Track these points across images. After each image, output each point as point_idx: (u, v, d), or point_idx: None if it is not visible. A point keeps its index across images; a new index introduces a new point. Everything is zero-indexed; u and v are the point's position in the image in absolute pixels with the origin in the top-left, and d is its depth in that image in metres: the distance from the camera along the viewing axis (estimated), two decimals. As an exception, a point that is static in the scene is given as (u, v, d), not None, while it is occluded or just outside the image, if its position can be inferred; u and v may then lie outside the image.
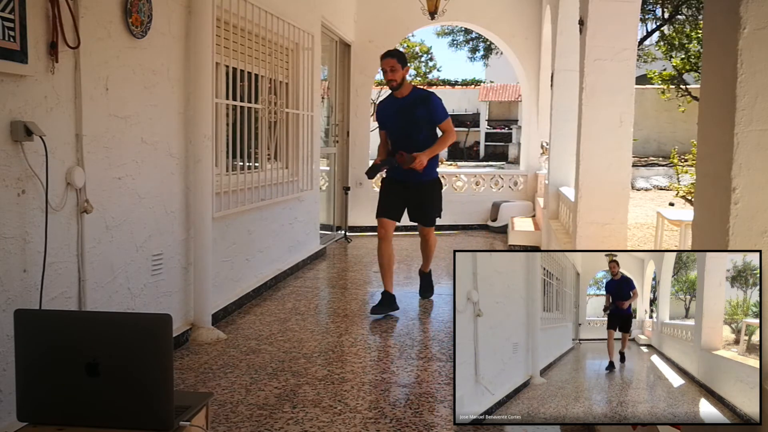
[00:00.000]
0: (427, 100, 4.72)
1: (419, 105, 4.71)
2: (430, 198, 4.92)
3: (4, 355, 2.61)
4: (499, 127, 24.26)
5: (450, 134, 4.83)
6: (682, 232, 6.02)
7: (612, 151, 4.52)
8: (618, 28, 4.44)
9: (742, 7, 1.88)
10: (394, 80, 4.65)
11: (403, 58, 4.73)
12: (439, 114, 4.75)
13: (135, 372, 1.97)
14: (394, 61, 4.63)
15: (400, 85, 4.69)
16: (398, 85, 4.67)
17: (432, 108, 4.71)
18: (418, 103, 4.71)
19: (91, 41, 3.14)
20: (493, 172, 10.20)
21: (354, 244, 8.18)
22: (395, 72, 4.63)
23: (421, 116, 4.74)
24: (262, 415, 3.09)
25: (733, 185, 1.93)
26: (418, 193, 4.87)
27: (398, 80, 4.65)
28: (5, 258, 2.64)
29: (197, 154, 4.16)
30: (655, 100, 16.29)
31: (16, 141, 2.65)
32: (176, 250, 4.10)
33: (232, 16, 4.61)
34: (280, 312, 4.88)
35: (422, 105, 4.71)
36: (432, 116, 4.74)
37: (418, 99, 4.73)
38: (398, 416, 3.10)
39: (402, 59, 4.69)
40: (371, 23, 8.84)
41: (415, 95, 4.76)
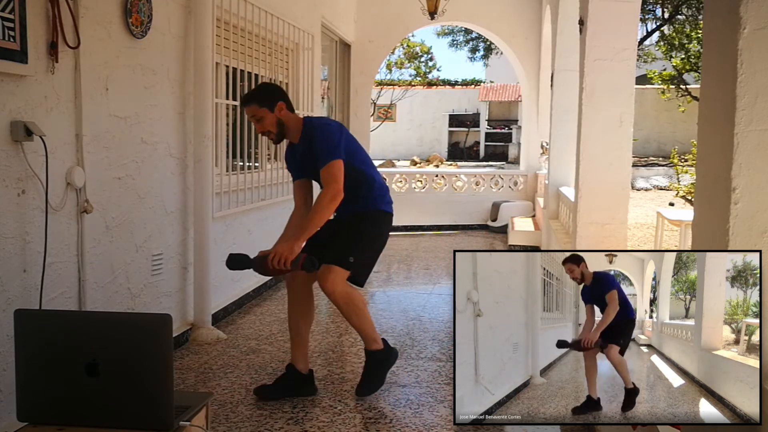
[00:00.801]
0: (312, 138, 3.20)
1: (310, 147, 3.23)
2: (356, 229, 3.29)
3: (4, 355, 2.61)
4: (499, 127, 24.24)
5: (327, 192, 3.09)
6: (682, 232, 6.01)
7: (612, 151, 4.52)
8: (618, 28, 4.44)
9: (742, 7, 1.88)
10: (267, 132, 3.22)
11: (266, 96, 3.21)
12: (321, 154, 3.13)
13: (135, 372, 1.97)
14: (254, 107, 3.17)
15: (281, 134, 3.24)
16: (278, 135, 3.23)
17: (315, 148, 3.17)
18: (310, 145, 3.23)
19: (91, 41, 3.14)
20: (493, 172, 10.20)
21: (354, 244, 8.16)
22: (263, 121, 3.18)
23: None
24: (262, 415, 3.09)
25: (733, 185, 1.93)
26: (346, 222, 3.35)
27: (273, 129, 3.20)
28: (5, 258, 2.64)
29: (197, 154, 4.16)
30: (655, 100, 16.29)
31: (16, 141, 2.65)
32: (176, 250, 4.10)
33: (232, 16, 4.61)
34: (280, 312, 4.88)
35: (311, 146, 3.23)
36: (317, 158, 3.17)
37: (307, 139, 3.24)
38: (398, 416, 3.10)
39: (264, 99, 3.18)
40: (371, 23, 8.84)
41: (304, 135, 3.26)
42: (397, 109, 23.49)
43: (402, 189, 9.37)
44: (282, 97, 3.24)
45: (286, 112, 3.22)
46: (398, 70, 21.74)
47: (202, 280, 4.23)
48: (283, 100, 3.23)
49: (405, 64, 21.83)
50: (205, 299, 4.25)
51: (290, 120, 3.24)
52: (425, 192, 9.45)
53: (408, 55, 21.74)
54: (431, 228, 9.21)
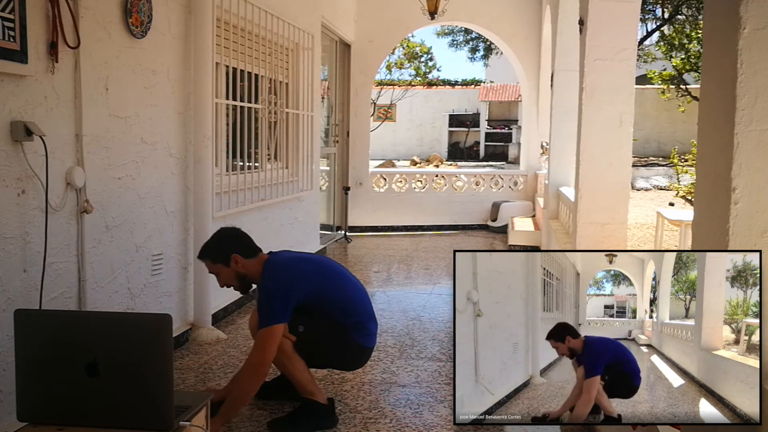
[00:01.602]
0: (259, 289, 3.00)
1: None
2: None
3: (4, 355, 2.61)
4: (499, 127, 24.24)
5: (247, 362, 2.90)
6: (682, 232, 6.01)
7: (612, 151, 4.52)
8: (618, 28, 4.44)
9: (742, 7, 1.88)
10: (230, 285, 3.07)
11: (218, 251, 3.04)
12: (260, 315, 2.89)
13: (135, 372, 1.97)
14: (209, 263, 3.06)
15: (243, 285, 3.07)
16: (240, 286, 3.07)
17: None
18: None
19: (91, 41, 3.14)
20: (493, 172, 10.20)
21: (354, 244, 8.17)
22: (220, 276, 3.05)
23: None
24: (262, 415, 3.09)
25: (733, 185, 1.93)
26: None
27: (234, 283, 3.05)
28: (5, 258, 2.64)
29: (197, 154, 4.16)
30: (655, 100, 16.29)
31: (16, 141, 2.65)
32: (176, 250, 4.10)
33: (232, 16, 4.61)
34: (280, 312, 4.88)
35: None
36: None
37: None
38: (398, 416, 3.10)
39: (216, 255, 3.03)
40: (371, 23, 8.84)
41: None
42: (397, 109, 23.49)
43: (402, 189, 9.37)
44: (236, 248, 3.02)
45: (243, 262, 3.00)
46: (398, 70, 21.75)
47: (202, 280, 4.23)
48: (238, 251, 3.00)
49: (405, 64, 21.83)
50: (205, 299, 4.25)
51: (250, 268, 3.01)
52: (425, 192, 9.45)
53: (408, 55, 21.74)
54: (431, 228, 9.21)
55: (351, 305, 3.11)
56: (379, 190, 9.30)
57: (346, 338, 3.07)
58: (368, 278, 6.30)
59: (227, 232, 3.16)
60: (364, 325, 3.13)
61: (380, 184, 9.36)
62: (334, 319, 3.05)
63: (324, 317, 3.04)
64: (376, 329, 3.20)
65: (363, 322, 3.13)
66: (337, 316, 3.05)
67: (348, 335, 3.07)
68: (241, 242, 3.09)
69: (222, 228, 3.21)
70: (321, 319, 3.03)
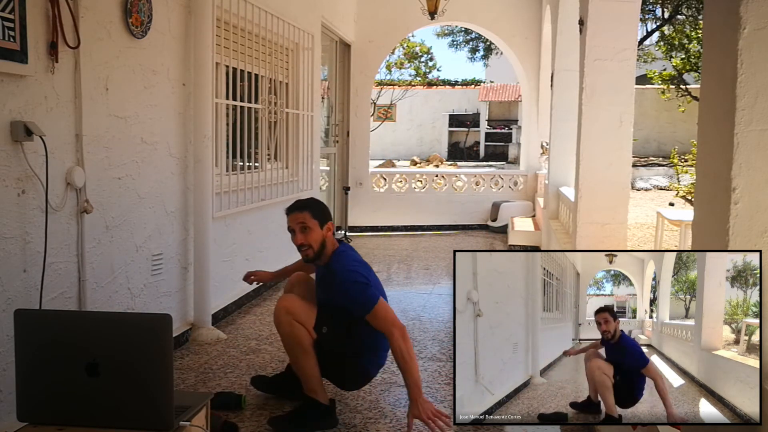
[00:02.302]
0: (331, 285, 2.97)
1: (324, 283, 3.06)
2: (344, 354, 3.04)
3: (4, 355, 2.61)
4: (499, 127, 24.24)
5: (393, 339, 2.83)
6: (682, 232, 6.01)
7: (612, 151, 4.52)
8: (618, 28, 4.44)
9: (742, 7, 1.88)
10: (308, 246, 2.97)
11: (320, 211, 3.02)
12: (355, 306, 2.90)
13: (135, 372, 1.97)
14: (307, 215, 2.97)
15: (318, 254, 2.99)
16: (316, 254, 2.99)
17: (338, 300, 2.94)
18: (329, 287, 3.00)
19: (91, 41, 3.14)
20: (493, 172, 10.20)
21: (354, 244, 8.13)
22: (308, 233, 2.96)
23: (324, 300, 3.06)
24: (262, 415, 3.09)
25: (733, 185, 1.93)
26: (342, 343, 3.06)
27: (315, 246, 2.98)
28: (5, 258, 2.64)
29: (197, 154, 4.16)
30: (655, 100, 16.29)
31: (16, 141, 2.65)
32: (176, 250, 4.10)
33: (232, 16, 4.61)
34: (280, 312, 4.88)
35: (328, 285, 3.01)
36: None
37: (328, 278, 3.00)
38: (398, 416, 3.10)
39: (318, 212, 3.00)
40: (371, 23, 8.84)
41: (327, 271, 3.02)
42: (397, 109, 23.49)
43: (402, 189, 9.37)
44: (331, 218, 3.07)
45: (330, 236, 3.02)
46: (398, 70, 21.76)
47: (202, 280, 4.23)
48: (332, 221, 3.07)
49: (405, 64, 21.84)
50: (205, 299, 4.25)
51: (329, 243, 3.02)
52: (425, 192, 9.45)
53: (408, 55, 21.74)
54: (431, 228, 9.21)
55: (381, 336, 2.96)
56: (379, 190, 9.30)
57: (358, 359, 3.03)
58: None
59: (323, 204, 3.16)
60: (378, 354, 3.09)
61: (380, 184, 9.36)
62: (359, 337, 2.97)
63: (350, 330, 2.96)
64: (384, 360, 3.16)
65: (380, 351, 3.09)
66: (363, 336, 2.97)
67: (362, 357, 3.03)
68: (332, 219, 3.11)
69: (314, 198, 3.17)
70: (347, 329, 2.96)
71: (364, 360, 3.05)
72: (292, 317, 2.94)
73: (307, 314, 2.97)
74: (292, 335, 2.94)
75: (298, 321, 2.93)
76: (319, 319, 2.96)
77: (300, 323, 2.93)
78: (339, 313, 2.95)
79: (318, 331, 2.96)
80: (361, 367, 3.06)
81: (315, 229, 2.96)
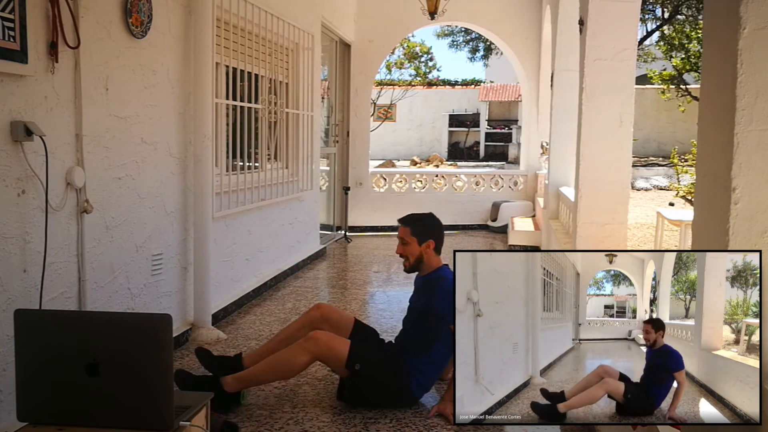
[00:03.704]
0: (431, 292, 3.24)
1: (424, 288, 3.35)
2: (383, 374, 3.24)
3: (4, 355, 2.61)
4: (499, 127, 24.24)
5: None
6: (682, 232, 6.02)
7: (612, 151, 4.52)
8: (618, 28, 4.44)
9: (742, 7, 1.88)
10: (404, 257, 3.35)
11: (422, 228, 3.31)
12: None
13: (135, 372, 1.97)
14: (408, 230, 3.30)
15: (415, 267, 3.35)
16: (412, 266, 3.35)
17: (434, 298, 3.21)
18: (426, 296, 3.29)
19: (91, 41, 3.14)
20: (493, 172, 10.20)
21: (354, 244, 8.17)
22: (406, 246, 3.31)
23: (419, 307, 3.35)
24: (262, 415, 3.09)
25: (733, 185, 1.93)
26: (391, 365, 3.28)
27: (411, 260, 3.32)
28: (5, 258, 2.64)
29: (197, 154, 4.16)
30: (655, 100, 16.30)
31: (16, 141, 2.65)
32: (176, 250, 4.10)
33: (232, 16, 4.61)
34: (280, 312, 4.88)
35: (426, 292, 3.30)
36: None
37: (428, 288, 3.30)
38: (398, 416, 3.10)
39: (418, 229, 3.30)
40: (371, 23, 8.84)
41: (429, 280, 3.33)
42: (397, 109, 23.49)
43: (402, 189, 9.37)
44: (436, 237, 3.32)
45: (430, 252, 3.30)
46: (398, 70, 21.75)
47: (202, 280, 4.23)
48: (435, 240, 3.30)
49: (405, 64, 21.84)
50: (205, 299, 4.25)
51: (430, 260, 3.31)
52: (425, 192, 9.45)
53: (408, 55, 21.74)
54: (431, 228, 9.19)
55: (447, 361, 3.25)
56: (379, 190, 9.30)
57: (400, 385, 3.18)
58: (368, 278, 6.29)
59: (437, 221, 3.41)
60: (427, 378, 3.23)
61: (380, 184, 9.36)
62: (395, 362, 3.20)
63: (382, 359, 3.23)
64: (436, 377, 3.30)
65: (430, 376, 3.24)
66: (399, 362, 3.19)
67: (410, 392, 3.20)
68: (440, 237, 3.36)
69: (434, 214, 3.42)
70: (378, 361, 3.19)
71: (413, 382, 3.20)
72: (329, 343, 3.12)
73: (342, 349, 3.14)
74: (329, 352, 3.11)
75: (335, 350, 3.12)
76: (351, 357, 3.11)
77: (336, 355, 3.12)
78: (370, 347, 3.27)
79: (351, 368, 3.11)
80: (407, 392, 3.20)
81: (412, 244, 3.29)
